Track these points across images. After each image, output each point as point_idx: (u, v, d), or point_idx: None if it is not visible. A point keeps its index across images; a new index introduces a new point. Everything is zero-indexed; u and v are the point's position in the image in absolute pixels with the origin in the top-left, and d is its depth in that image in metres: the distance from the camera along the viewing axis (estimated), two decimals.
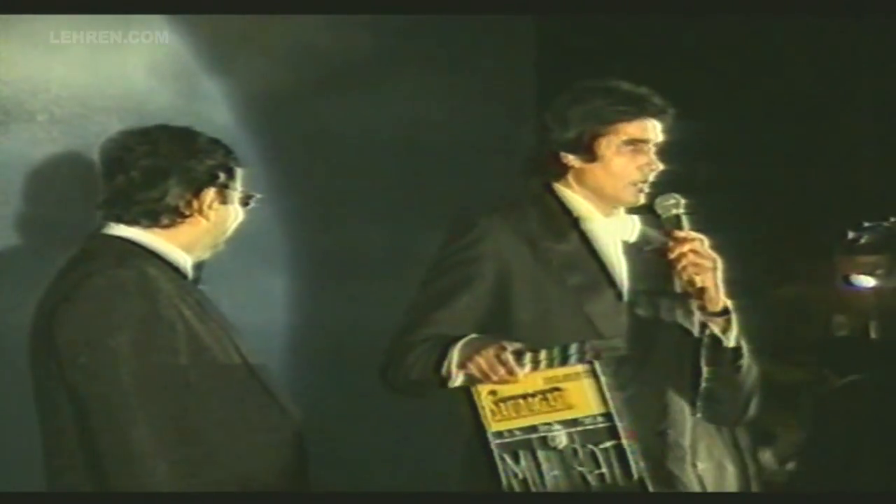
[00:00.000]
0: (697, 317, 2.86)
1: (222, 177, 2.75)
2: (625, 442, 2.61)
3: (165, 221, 2.71)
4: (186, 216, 2.72)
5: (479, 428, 2.69)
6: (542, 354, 2.64)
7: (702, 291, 2.80)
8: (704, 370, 2.85)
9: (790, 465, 5.03)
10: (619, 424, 2.62)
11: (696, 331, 2.87)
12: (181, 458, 2.56)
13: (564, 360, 2.62)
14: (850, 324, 4.96)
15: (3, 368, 3.35)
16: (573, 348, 2.62)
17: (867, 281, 4.75)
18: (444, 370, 2.71)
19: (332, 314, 4.12)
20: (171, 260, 2.72)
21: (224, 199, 2.75)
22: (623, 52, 4.81)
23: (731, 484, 3.04)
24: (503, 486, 2.65)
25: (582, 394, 2.62)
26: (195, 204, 2.72)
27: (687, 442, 2.88)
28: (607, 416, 2.62)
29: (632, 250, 2.90)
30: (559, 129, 2.89)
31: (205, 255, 2.80)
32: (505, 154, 4.25)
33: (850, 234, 4.21)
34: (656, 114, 2.90)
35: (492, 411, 2.67)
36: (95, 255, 2.70)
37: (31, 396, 2.76)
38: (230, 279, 3.02)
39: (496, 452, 2.66)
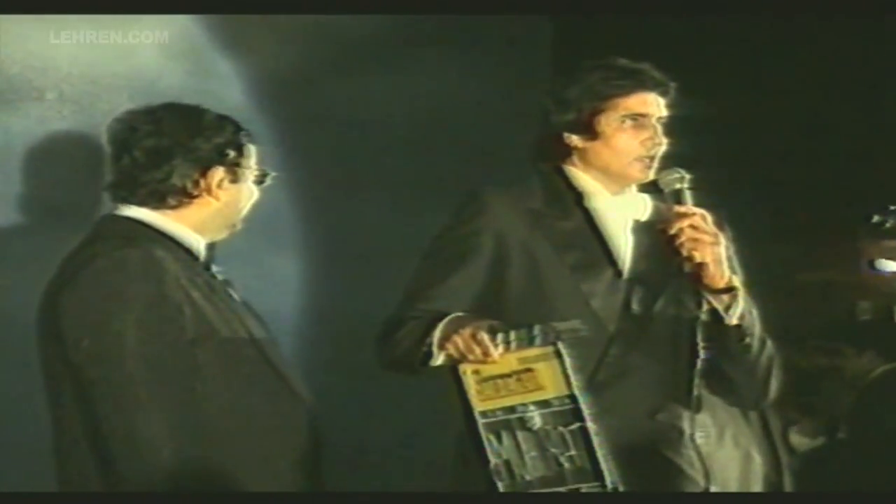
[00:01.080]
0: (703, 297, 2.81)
1: (232, 155, 2.68)
2: (589, 425, 2.59)
3: (173, 202, 2.65)
4: (194, 196, 2.66)
5: (467, 407, 2.67)
6: (512, 335, 2.62)
7: (701, 267, 2.74)
8: (701, 348, 2.80)
9: (817, 442, 4.99)
10: (582, 407, 2.59)
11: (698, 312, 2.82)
12: (188, 440, 2.51)
13: (530, 342, 2.60)
14: (874, 309, 4.91)
15: (9, 351, 3.32)
16: (536, 329, 2.60)
17: (892, 265, 4.69)
18: (424, 348, 2.68)
19: (345, 298, 4.08)
20: (182, 241, 2.67)
21: (235, 178, 2.69)
22: (637, 50, 4.79)
23: (756, 473, 2.99)
24: (491, 466, 2.62)
25: (550, 375, 2.60)
26: (203, 183, 2.66)
27: (685, 424, 2.83)
28: (572, 397, 2.60)
29: (642, 229, 2.86)
30: (559, 111, 2.87)
31: (220, 235, 2.74)
32: (517, 137, 4.19)
33: (875, 218, 4.15)
34: (655, 87, 2.87)
35: (477, 391, 2.65)
36: (103, 236, 2.65)
37: (34, 382, 2.72)
38: (242, 262, 2.98)
39: (483, 432, 2.64)
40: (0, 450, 3.42)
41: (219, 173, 2.67)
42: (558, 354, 2.58)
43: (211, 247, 2.76)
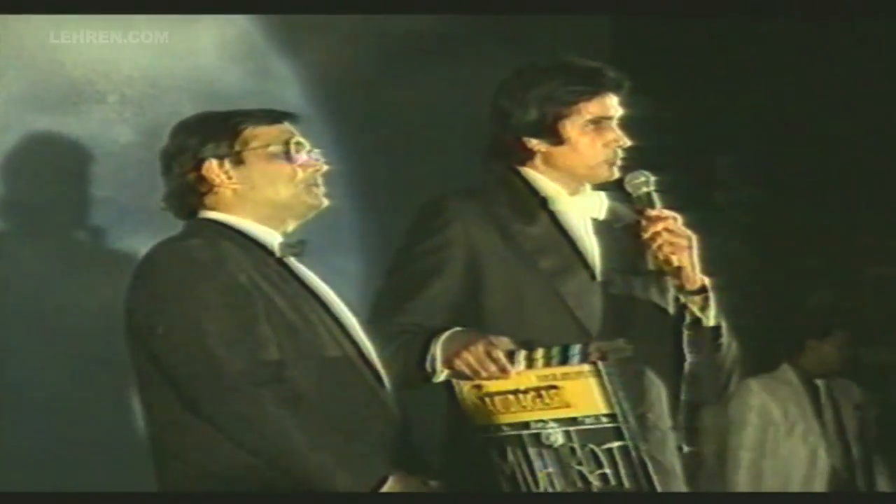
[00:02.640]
0: (672, 294, 2.80)
1: (222, 144, 2.70)
2: (630, 443, 2.54)
3: (193, 201, 2.71)
4: (205, 192, 2.69)
5: (461, 422, 2.63)
6: (539, 353, 2.56)
7: (679, 270, 2.72)
8: (688, 352, 2.78)
9: None
10: (624, 426, 2.54)
11: (671, 309, 2.81)
12: (287, 409, 2.50)
13: (564, 360, 2.54)
14: None
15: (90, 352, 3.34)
16: (575, 349, 2.54)
17: None
18: (427, 366, 2.65)
19: None
20: (255, 237, 2.70)
21: (238, 161, 2.70)
22: (695, 52, 4.79)
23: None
24: (487, 482, 2.59)
25: (583, 393, 2.53)
26: (208, 176, 2.69)
27: (668, 425, 2.80)
28: (612, 416, 2.54)
29: (602, 228, 2.83)
30: (520, 114, 2.82)
31: (292, 219, 2.74)
32: None
33: None
34: (614, 88, 2.84)
35: (475, 405, 2.60)
36: (177, 234, 2.71)
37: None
38: (305, 260, 2.97)
39: (479, 448, 2.60)
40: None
41: (212, 164, 2.70)
42: (597, 373, 2.53)
43: (301, 243, 2.76)
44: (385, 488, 2.50)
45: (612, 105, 2.83)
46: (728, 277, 2.87)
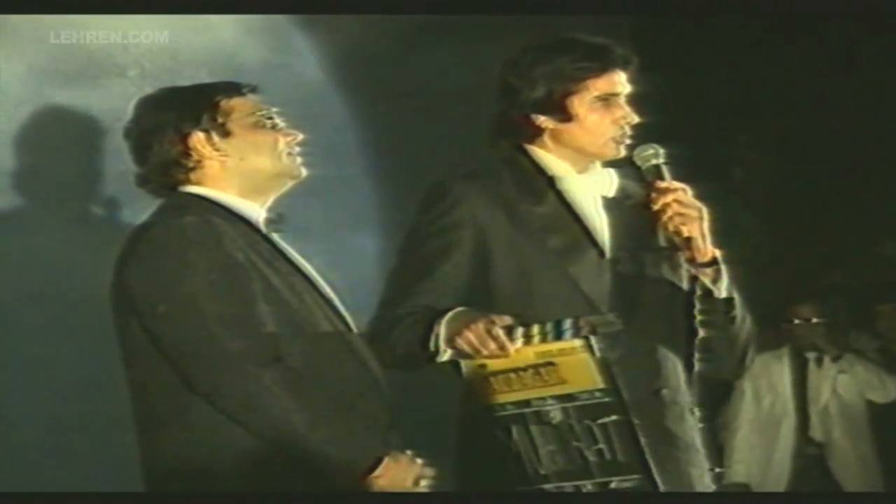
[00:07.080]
0: (685, 270, 2.79)
1: (203, 117, 2.71)
2: (624, 417, 2.56)
3: (180, 176, 2.70)
4: (191, 167, 2.69)
5: (470, 402, 2.66)
6: (535, 329, 2.58)
7: (688, 242, 2.71)
8: (699, 324, 2.78)
9: None
10: (621, 400, 2.57)
11: (684, 284, 2.81)
12: (286, 388, 2.53)
13: (559, 336, 2.57)
14: None
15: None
16: (567, 323, 2.57)
17: None
18: (431, 345, 2.66)
19: None
20: (240, 212, 2.71)
21: (224, 133, 2.71)
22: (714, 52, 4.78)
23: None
24: (496, 460, 2.62)
25: (577, 369, 2.56)
26: (196, 150, 2.69)
27: (686, 399, 2.80)
28: (605, 391, 2.57)
29: (612, 205, 2.83)
30: (527, 91, 2.81)
31: (273, 190, 2.74)
32: None
33: None
34: (622, 65, 2.83)
35: (481, 385, 2.62)
36: (161, 209, 2.71)
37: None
38: (320, 237, 2.99)
39: (487, 427, 2.63)
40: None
41: (200, 136, 2.70)
42: (589, 348, 2.55)
43: (281, 217, 2.77)
44: (380, 467, 2.55)
45: (620, 82, 2.82)
46: (743, 251, 2.86)
